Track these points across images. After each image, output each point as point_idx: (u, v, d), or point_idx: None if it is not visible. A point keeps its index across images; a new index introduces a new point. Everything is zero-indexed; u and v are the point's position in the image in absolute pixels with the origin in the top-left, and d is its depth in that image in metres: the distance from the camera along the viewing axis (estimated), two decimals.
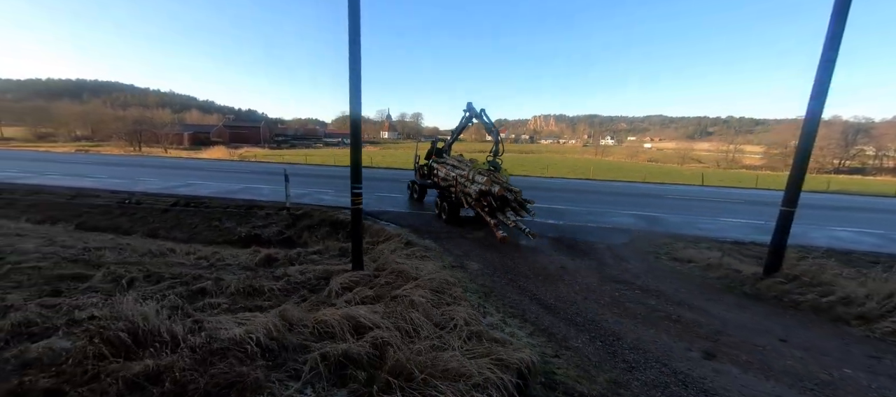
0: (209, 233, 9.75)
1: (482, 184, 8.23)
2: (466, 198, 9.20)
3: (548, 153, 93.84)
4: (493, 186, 8.10)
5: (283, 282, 4.86)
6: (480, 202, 8.46)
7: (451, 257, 6.12)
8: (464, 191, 9.28)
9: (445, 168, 11.02)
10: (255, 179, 16.51)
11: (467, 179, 9.20)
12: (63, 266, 4.97)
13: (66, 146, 50.25)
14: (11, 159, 23.41)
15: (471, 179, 8.99)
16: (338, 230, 9.26)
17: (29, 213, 10.92)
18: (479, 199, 8.41)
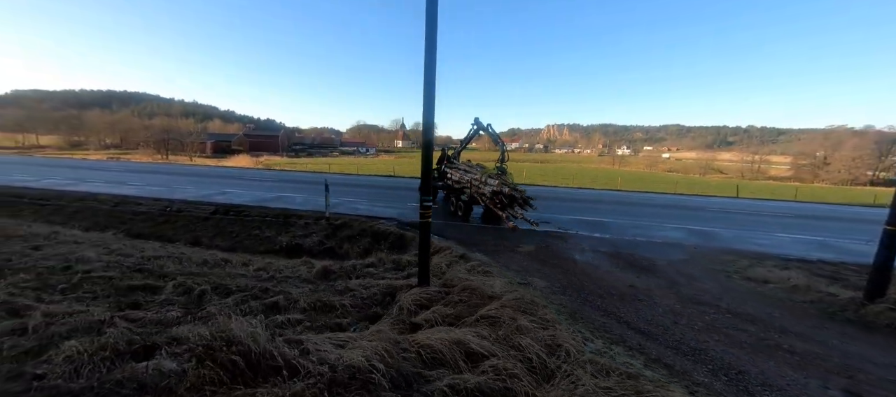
0: (250, 241, 9.76)
1: (494, 186, 9.79)
2: (481, 197, 10.50)
3: (564, 163, 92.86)
4: (503, 187, 9.76)
5: (350, 297, 4.70)
6: (493, 200, 9.90)
7: (512, 272, 5.87)
8: (479, 192, 10.61)
9: (459, 172, 12.68)
10: (286, 188, 16.65)
11: (480, 182, 10.61)
12: (131, 276, 4.93)
13: (97, 154, 52.29)
14: (51, 167, 24.34)
15: (483, 182, 10.42)
16: (379, 241, 9.12)
17: (75, 220, 11.18)
18: (493, 198, 9.86)
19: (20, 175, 17.48)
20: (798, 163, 65.60)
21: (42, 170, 20.46)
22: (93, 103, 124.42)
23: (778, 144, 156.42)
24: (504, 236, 8.84)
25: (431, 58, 4.46)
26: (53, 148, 74.05)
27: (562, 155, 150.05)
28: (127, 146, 70.60)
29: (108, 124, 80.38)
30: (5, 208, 11.74)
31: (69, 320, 3.16)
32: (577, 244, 8.12)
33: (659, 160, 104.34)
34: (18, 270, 4.87)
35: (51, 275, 4.87)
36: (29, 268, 5.03)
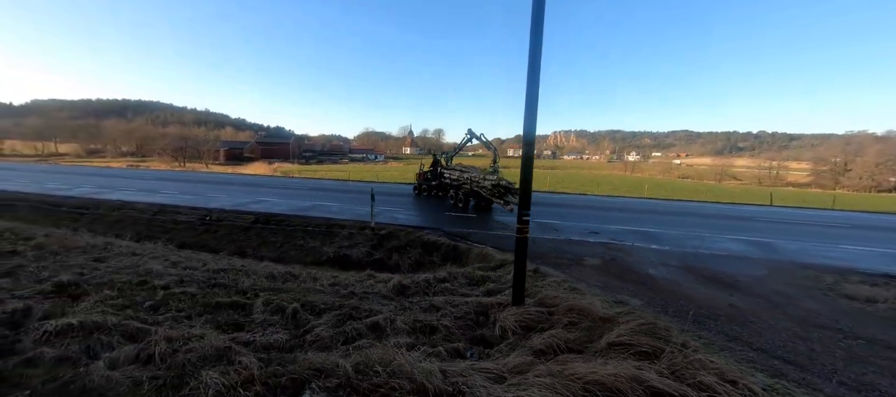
0: (296, 252, 9.57)
1: (494, 180, 12.86)
2: (483, 189, 13.30)
3: (574, 169, 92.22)
4: (501, 181, 12.71)
5: (443, 316, 4.44)
6: (493, 191, 12.73)
7: (597, 289, 5.56)
8: (479, 186, 13.48)
9: (456, 172, 15.60)
10: (317, 196, 16.53)
11: (481, 178, 13.57)
12: (212, 293, 4.73)
13: (116, 161, 53.16)
14: (79, 175, 24.61)
15: (484, 178, 13.44)
16: (430, 252, 8.87)
17: (117, 229, 11.12)
18: (493, 189, 12.73)
19: (53, 183, 17.63)
20: (818, 169, 64.20)
21: (71, 179, 20.66)
22: (109, 112, 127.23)
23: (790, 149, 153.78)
24: (560, 248, 8.53)
25: (535, 66, 4.24)
26: (72, 155, 75.55)
27: (570, 161, 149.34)
28: (143, 153, 71.80)
29: (125, 132, 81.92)
30: (48, 217, 11.74)
31: (191, 345, 2.94)
32: (642, 257, 7.78)
33: (671, 166, 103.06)
34: (99, 285, 4.70)
35: (131, 290, 4.69)
36: (106, 282, 4.86)
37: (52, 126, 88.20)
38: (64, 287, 4.63)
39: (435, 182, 16.98)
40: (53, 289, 4.55)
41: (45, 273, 5.25)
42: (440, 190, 16.78)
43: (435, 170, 17.27)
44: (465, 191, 14.23)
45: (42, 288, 4.51)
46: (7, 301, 3.70)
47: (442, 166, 17.02)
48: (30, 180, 18.77)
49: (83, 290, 4.60)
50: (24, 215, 11.60)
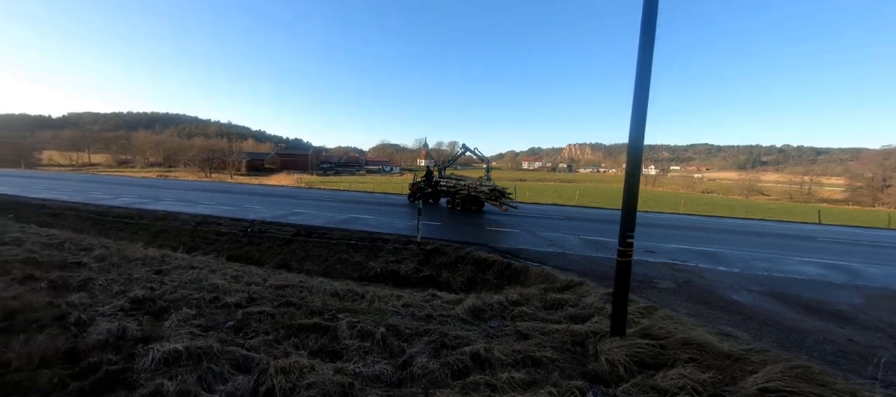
0: (341, 267, 9.37)
1: (490, 186, 16.19)
2: (481, 194, 16.20)
3: (592, 182, 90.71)
4: (496, 186, 16.08)
5: (542, 347, 4.07)
6: (490, 195, 15.73)
7: (691, 318, 5.10)
8: (477, 191, 16.35)
9: (452, 181, 18.00)
10: (350, 209, 16.45)
11: (478, 185, 16.65)
12: (287, 312, 4.50)
13: (145, 171, 55.02)
14: (116, 184, 25.38)
15: (481, 185, 16.60)
16: (484, 270, 8.52)
17: (162, 239, 11.18)
18: (490, 194, 15.75)
19: (96, 193, 18.13)
20: (853, 185, 61.23)
21: (111, 189, 21.27)
22: (138, 124, 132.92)
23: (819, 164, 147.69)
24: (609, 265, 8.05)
25: (646, 62, 3.94)
26: (104, 165, 78.77)
27: (587, 175, 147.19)
28: (170, 164, 74.28)
29: (154, 144, 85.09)
30: (95, 227, 11.93)
31: (309, 379, 2.67)
32: (717, 280, 7.24)
33: (693, 180, 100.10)
34: (173, 301, 4.54)
35: (207, 307, 4.50)
36: (180, 298, 4.70)
37: (86, 137, 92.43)
38: (140, 302, 4.48)
39: (429, 190, 18.84)
40: (131, 305, 4.41)
41: (116, 286, 5.15)
42: (433, 197, 18.79)
43: (428, 180, 19.21)
44: (463, 196, 16.81)
45: (119, 303, 4.37)
46: (97, 320, 3.54)
47: (437, 176, 19.08)
48: (74, 190, 19.38)
49: (160, 306, 4.45)
50: (74, 224, 11.82)
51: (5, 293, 4.00)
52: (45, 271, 5.56)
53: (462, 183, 17.29)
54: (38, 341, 2.97)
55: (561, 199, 31.11)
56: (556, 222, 14.45)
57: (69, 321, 3.37)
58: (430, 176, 19.27)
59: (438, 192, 18.50)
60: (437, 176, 19.01)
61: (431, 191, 18.71)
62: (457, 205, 16.91)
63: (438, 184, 18.44)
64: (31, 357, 2.75)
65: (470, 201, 16.55)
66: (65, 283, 5.06)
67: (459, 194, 16.91)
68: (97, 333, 3.23)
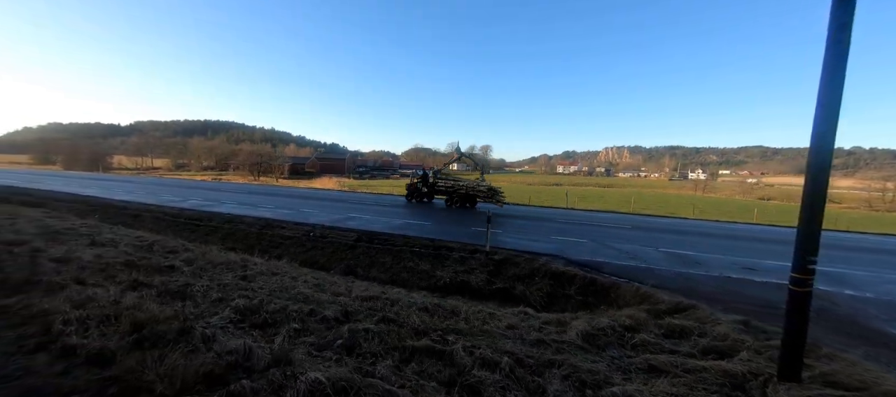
0: (408, 275, 9.10)
1: (487, 185, 18.75)
2: (478, 193, 18.57)
3: (634, 187, 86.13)
4: (491, 186, 18.62)
5: (693, 390, 3.44)
6: (487, 194, 18.23)
7: (868, 361, 4.23)
8: (475, 190, 18.66)
9: (450, 182, 19.97)
10: (403, 213, 16.33)
11: (477, 185, 18.90)
12: (392, 332, 4.17)
13: (200, 175, 59.12)
14: (180, 187, 27.12)
15: (479, 185, 18.85)
16: (563, 285, 7.88)
17: (232, 241, 11.50)
18: (487, 193, 18.23)
19: (166, 195, 19.38)
20: None
21: (178, 191, 22.73)
22: (193, 131, 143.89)
23: None
24: (726, 288, 7.13)
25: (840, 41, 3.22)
26: (164, 169, 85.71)
27: (627, 179, 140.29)
28: (221, 168, 79.46)
29: (207, 149, 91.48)
30: (171, 228, 12.54)
31: None
32: (853, 307, 6.16)
33: (748, 186, 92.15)
34: (274, 313, 4.35)
35: (309, 321, 4.28)
36: (279, 310, 4.52)
37: (149, 143, 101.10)
38: (244, 313, 4.34)
39: (426, 190, 20.81)
40: (236, 315, 4.27)
41: (213, 293, 5.09)
42: (429, 196, 20.84)
43: (425, 181, 21.06)
44: (461, 194, 19.01)
45: (225, 313, 4.24)
46: (218, 335, 3.37)
47: (434, 178, 20.69)
48: (146, 192, 20.87)
49: (263, 318, 4.28)
50: (152, 226, 12.49)
51: (125, 301, 3.98)
52: (146, 275, 5.65)
53: (460, 183, 19.62)
54: (173, 360, 2.79)
55: (608, 205, 29.47)
56: (626, 232, 13.43)
57: (195, 336, 3.21)
58: (426, 177, 21.24)
59: (435, 192, 20.47)
60: (433, 178, 20.73)
61: (427, 190, 20.72)
62: (455, 202, 19.08)
63: (436, 184, 20.15)
64: (173, 379, 2.56)
65: (467, 199, 18.95)
66: (167, 289, 5.07)
67: (458, 192, 19.02)
68: (225, 352, 3.03)
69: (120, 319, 3.43)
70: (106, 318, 3.49)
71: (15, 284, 4.45)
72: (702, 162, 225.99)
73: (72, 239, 8.20)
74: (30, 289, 4.38)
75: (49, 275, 4.86)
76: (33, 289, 4.36)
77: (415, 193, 21.16)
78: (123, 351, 2.99)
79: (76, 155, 71.11)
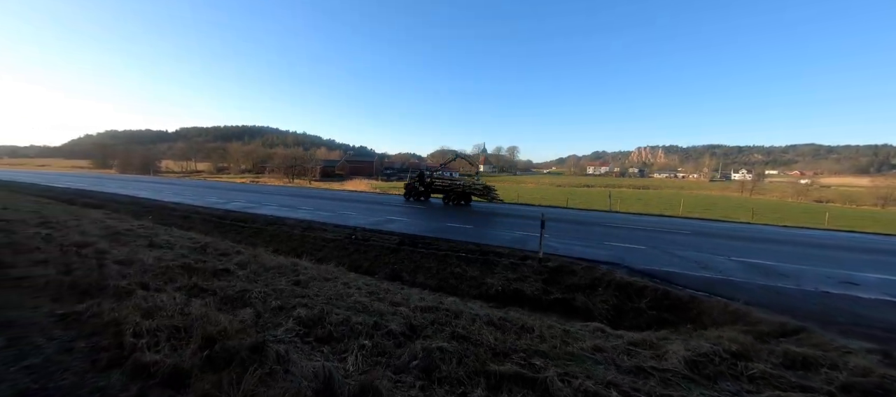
0: (455, 281, 8.67)
1: (481, 184, 20.31)
2: (474, 191, 20.04)
3: (672, 189, 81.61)
4: (486, 184, 20.27)
5: None
6: (482, 192, 19.75)
7: None
8: (471, 189, 20.10)
9: (447, 181, 21.28)
10: (442, 217, 15.99)
11: (473, 182, 20.66)
12: (472, 353, 3.73)
13: (241, 178, 61.95)
14: (223, 189, 28.26)
15: (475, 183, 20.61)
16: (632, 297, 7.16)
17: (276, 243, 11.54)
18: (482, 190, 19.78)
19: (212, 198, 20.14)
20: None
21: (222, 194, 23.65)
22: (232, 136, 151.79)
23: None
24: (829, 305, 6.16)
25: None
26: (206, 172, 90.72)
27: (663, 180, 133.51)
28: (257, 170, 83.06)
29: (245, 153, 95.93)
30: (219, 229, 12.83)
31: None
32: None
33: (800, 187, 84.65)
34: (337, 325, 4.04)
35: (375, 336, 3.92)
36: (341, 322, 4.20)
37: (193, 148, 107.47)
38: (307, 325, 4.06)
39: (422, 188, 21.85)
40: (300, 327, 4.00)
41: (272, 300, 4.88)
42: (426, 195, 21.88)
43: (421, 180, 22.22)
44: (457, 192, 20.28)
45: (288, 325, 3.98)
46: (291, 355, 3.07)
47: (431, 177, 22.08)
48: (193, 194, 21.82)
49: (328, 331, 3.97)
50: (202, 227, 12.82)
51: (191, 309, 3.79)
52: (204, 279, 5.56)
53: (457, 182, 21.16)
54: (251, 386, 2.49)
55: (651, 208, 27.77)
56: (684, 238, 12.35)
57: (269, 355, 2.92)
58: (423, 177, 22.36)
59: (432, 190, 21.53)
60: (430, 177, 22.01)
61: (424, 189, 21.81)
62: (451, 200, 20.36)
63: (433, 183, 21.38)
64: None
65: (462, 196, 20.22)
66: (227, 295, 4.92)
67: (455, 190, 20.33)
68: (304, 377, 2.70)
69: (190, 333, 3.22)
70: (175, 330, 3.29)
71: (85, 288, 4.42)
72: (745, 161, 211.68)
73: (132, 240, 8.43)
74: (98, 294, 4.32)
75: (115, 279, 4.83)
76: (102, 294, 4.30)
77: (412, 192, 22.17)
78: (197, 369, 2.73)
79: (129, 159, 76.77)
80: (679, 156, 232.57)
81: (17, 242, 6.39)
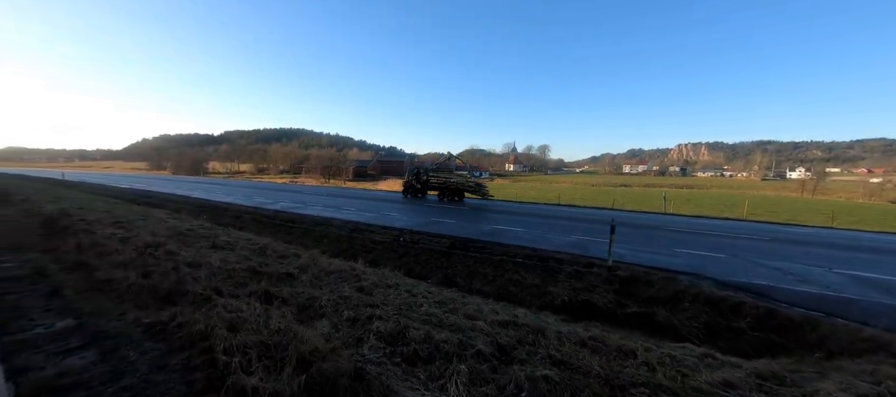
0: (515, 289, 8.14)
1: (475, 180, 23.96)
2: (467, 187, 22.33)
3: (718, 188, 75.99)
4: (479, 181, 24.21)
5: None
6: (474, 188, 22.14)
7: None
8: (465, 186, 22.34)
9: (441, 178, 23.07)
10: (485, 217, 15.50)
11: (467, 179, 22.72)
12: (576, 382, 3.23)
13: (280, 178, 64.67)
14: (266, 190, 29.33)
15: (469, 179, 22.85)
16: (726, 314, 6.32)
17: (325, 244, 11.51)
18: (474, 187, 22.20)
19: (259, 198, 20.87)
20: None
21: (267, 194, 24.53)
22: (271, 138, 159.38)
23: None
24: None
25: None
26: (248, 172, 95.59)
27: (708, 179, 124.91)
28: (295, 171, 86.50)
29: (283, 154, 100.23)
30: (269, 229, 13.07)
31: None
32: None
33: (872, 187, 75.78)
34: (421, 342, 3.66)
35: (464, 357, 3.50)
36: (425, 339, 3.83)
37: (236, 150, 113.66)
38: (389, 342, 3.72)
39: (419, 186, 23.96)
40: (382, 344, 3.66)
41: (344, 310, 4.60)
42: (423, 192, 24.10)
43: (417, 178, 24.18)
44: (451, 188, 22.37)
45: (372, 342, 3.65)
46: (393, 385, 2.72)
47: (427, 175, 23.84)
48: (242, 195, 22.75)
49: (413, 351, 3.59)
50: (253, 227, 13.12)
51: (273, 322, 3.57)
52: (272, 284, 5.41)
53: (451, 179, 22.84)
54: None
55: (704, 209, 25.68)
56: (765, 245, 11.07)
57: (371, 386, 2.58)
58: (419, 175, 24.21)
59: (428, 188, 23.65)
60: (426, 175, 23.78)
61: (420, 186, 23.91)
62: (446, 196, 22.53)
63: (429, 181, 23.37)
64: None
65: (456, 192, 22.35)
66: (298, 304, 4.72)
67: (449, 187, 22.45)
68: None
69: (281, 352, 2.95)
70: (265, 348, 3.04)
71: (164, 294, 4.36)
72: (801, 158, 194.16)
73: (195, 240, 8.63)
74: (178, 300, 4.24)
75: (191, 285, 4.76)
76: (181, 300, 4.21)
77: (410, 189, 24.27)
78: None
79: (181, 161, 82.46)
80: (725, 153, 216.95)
81: (99, 243, 6.62)
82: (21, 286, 4.62)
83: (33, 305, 3.91)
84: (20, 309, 3.68)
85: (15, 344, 3.00)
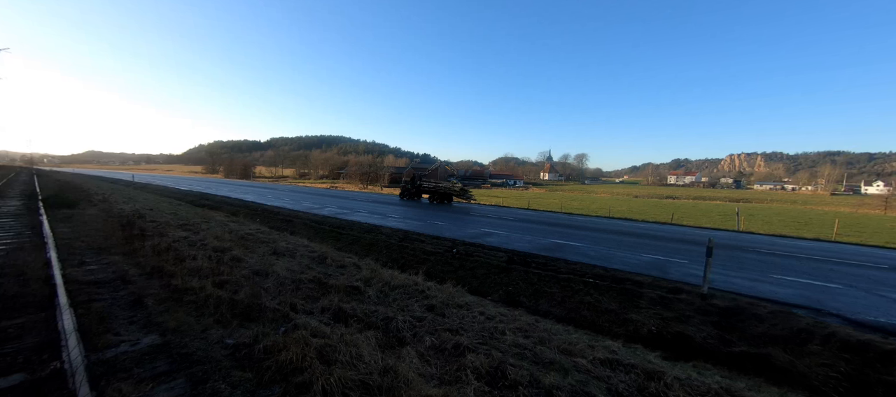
0: (589, 314, 7.31)
1: (460, 186, 26.54)
2: (453, 192, 25.39)
3: (780, 203, 68.98)
4: (464, 187, 26.88)
5: None
6: (459, 193, 25.41)
7: None
8: (451, 191, 25.43)
9: (433, 183, 27.06)
10: (538, 230, 14.71)
11: (451, 186, 26.18)
12: None
13: (321, 183, 67.10)
14: (313, 194, 30.21)
15: (452, 186, 26.25)
16: (873, 365, 5.17)
17: (376, 253, 11.26)
18: (460, 192, 25.50)
19: (307, 202, 21.38)
20: None
21: (314, 199, 25.18)
22: (312, 145, 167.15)
23: None
24: None
25: None
26: (291, 177, 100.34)
27: (766, 192, 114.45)
28: (334, 176, 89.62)
29: (323, 160, 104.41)
30: (319, 235, 13.10)
31: None
32: None
33: None
34: (528, 389, 3.08)
35: None
36: (529, 383, 3.25)
37: (280, 156, 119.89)
38: (490, 384, 3.19)
39: (413, 190, 27.21)
40: (481, 384, 3.13)
41: (425, 336, 4.14)
42: (417, 195, 27.16)
43: (413, 183, 27.66)
44: (440, 193, 25.19)
45: (474, 384, 3.13)
46: None
47: (420, 181, 27.44)
48: (289, 199, 23.47)
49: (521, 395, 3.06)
50: (305, 232, 13.22)
51: (364, 352, 3.14)
52: (342, 300, 5.07)
53: (441, 185, 26.06)
54: None
55: (775, 228, 22.95)
56: (886, 275, 9.34)
57: None
58: (415, 180, 27.71)
59: (421, 192, 26.70)
60: (419, 181, 27.27)
61: (416, 191, 26.96)
62: (435, 199, 25.32)
63: (421, 186, 26.69)
64: None
65: (444, 197, 25.20)
66: (373, 324, 4.32)
67: (438, 192, 25.38)
68: None
69: None
70: (367, 390, 2.61)
71: (242, 309, 4.10)
72: (878, 171, 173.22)
73: (256, 245, 8.65)
74: (257, 316, 3.97)
75: (265, 298, 4.51)
76: (260, 317, 3.93)
77: (406, 193, 27.75)
78: None
79: (232, 166, 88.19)
80: (785, 164, 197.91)
81: (171, 247, 6.69)
82: (105, 292, 4.60)
83: (118, 315, 3.78)
84: (106, 321, 3.54)
85: (103, 365, 2.77)
